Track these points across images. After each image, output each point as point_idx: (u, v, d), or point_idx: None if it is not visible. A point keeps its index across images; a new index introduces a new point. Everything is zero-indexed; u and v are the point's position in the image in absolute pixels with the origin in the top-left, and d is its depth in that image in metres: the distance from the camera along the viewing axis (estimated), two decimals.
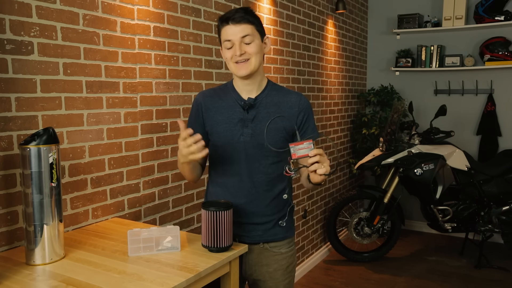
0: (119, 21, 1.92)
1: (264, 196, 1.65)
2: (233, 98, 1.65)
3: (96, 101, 1.84)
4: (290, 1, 3.30)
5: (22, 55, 1.55)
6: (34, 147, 1.35)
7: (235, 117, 1.62)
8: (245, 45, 1.55)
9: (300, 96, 1.67)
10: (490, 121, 4.38)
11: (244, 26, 1.53)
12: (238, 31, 1.53)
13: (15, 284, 1.26)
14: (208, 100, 1.67)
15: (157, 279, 1.28)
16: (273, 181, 1.65)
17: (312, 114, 1.68)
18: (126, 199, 2.01)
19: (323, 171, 1.39)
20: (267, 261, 1.69)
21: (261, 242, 1.68)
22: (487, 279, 3.57)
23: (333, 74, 4.10)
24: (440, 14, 4.49)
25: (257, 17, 1.59)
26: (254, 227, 1.66)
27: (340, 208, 3.92)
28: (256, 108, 1.62)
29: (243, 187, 1.64)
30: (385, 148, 3.72)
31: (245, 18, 1.54)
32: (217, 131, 1.64)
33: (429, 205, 3.78)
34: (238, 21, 1.53)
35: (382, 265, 3.87)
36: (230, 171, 1.65)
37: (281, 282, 1.71)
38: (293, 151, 1.40)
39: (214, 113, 1.65)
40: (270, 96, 1.64)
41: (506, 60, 4.17)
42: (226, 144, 1.62)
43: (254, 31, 1.55)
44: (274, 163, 1.64)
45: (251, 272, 1.71)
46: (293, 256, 1.75)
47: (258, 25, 1.58)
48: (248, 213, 1.65)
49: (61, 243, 1.44)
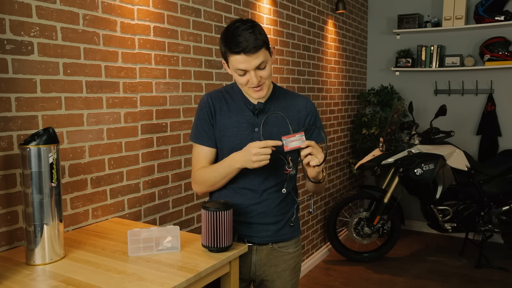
0: (119, 21, 1.92)
1: (273, 197, 1.64)
2: (241, 102, 1.62)
3: (96, 101, 1.84)
4: (290, 1, 3.30)
5: (22, 55, 1.55)
6: (34, 147, 1.35)
7: (244, 121, 1.60)
8: (260, 71, 1.49)
9: (306, 100, 1.67)
10: (490, 121, 4.38)
11: (257, 55, 1.44)
12: (253, 62, 1.44)
13: (15, 284, 1.26)
14: (216, 102, 1.63)
15: (157, 279, 1.28)
16: (282, 183, 1.65)
17: (318, 116, 1.69)
18: (126, 199, 2.01)
19: (316, 162, 1.39)
20: (275, 261, 1.69)
21: (270, 243, 1.68)
22: (487, 279, 3.57)
23: (333, 74, 4.10)
24: (440, 14, 4.50)
25: (263, 31, 1.49)
26: (264, 228, 1.66)
27: (340, 208, 3.92)
28: (265, 113, 1.61)
29: (256, 189, 1.63)
30: (385, 148, 3.72)
31: (258, 45, 1.42)
32: (226, 135, 1.60)
33: (429, 205, 3.78)
34: (253, 52, 1.42)
35: (382, 265, 3.87)
36: (241, 174, 1.61)
37: (289, 281, 1.72)
38: (285, 143, 1.41)
39: (222, 116, 1.61)
40: (277, 101, 1.64)
41: (506, 60, 4.17)
42: (236, 148, 1.57)
43: (266, 54, 1.47)
44: (280, 166, 1.61)
45: (259, 273, 1.70)
46: (299, 256, 1.77)
47: (266, 41, 1.48)
48: (258, 214, 1.64)
49: (61, 243, 1.44)
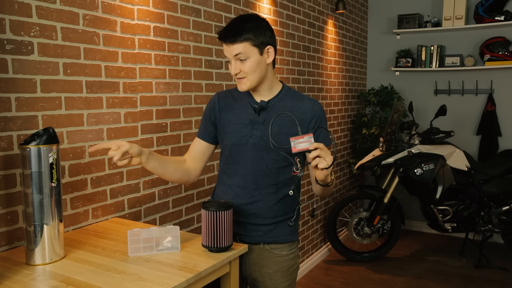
0: (119, 21, 1.92)
1: (268, 199, 1.64)
2: (246, 100, 1.65)
3: (96, 101, 1.84)
4: (290, 1, 3.30)
5: (22, 55, 1.55)
6: (34, 147, 1.35)
7: (246, 119, 1.63)
8: (241, 63, 1.52)
9: (313, 102, 1.64)
10: (490, 121, 4.38)
11: (237, 46, 1.49)
12: (231, 50, 1.51)
13: (15, 284, 1.26)
14: (223, 100, 1.69)
15: (157, 279, 1.28)
16: (279, 185, 1.64)
17: (325, 120, 1.65)
18: (126, 199, 2.01)
19: (324, 165, 1.36)
20: (266, 262, 1.68)
21: (261, 243, 1.68)
22: (487, 279, 3.57)
23: (333, 74, 4.10)
24: (440, 14, 4.49)
25: (256, 28, 1.51)
26: (255, 228, 1.66)
27: (340, 208, 3.93)
28: (267, 112, 1.61)
29: (248, 188, 1.64)
30: (385, 148, 3.72)
31: (238, 39, 1.48)
32: (228, 131, 1.65)
33: (429, 205, 3.78)
34: (231, 42, 1.50)
35: (382, 265, 3.87)
36: (237, 171, 1.65)
37: (281, 284, 1.69)
38: (293, 144, 1.38)
39: (227, 113, 1.67)
40: (283, 101, 1.63)
41: (506, 60, 4.17)
42: (235, 144, 1.63)
43: (248, 48, 1.49)
44: (282, 168, 1.62)
45: (250, 272, 1.71)
46: (295, 259, 1.73)
47: (255, 39, 1.50)
48: (250, 214, 1.65)
49: (61, 243, 1.44)
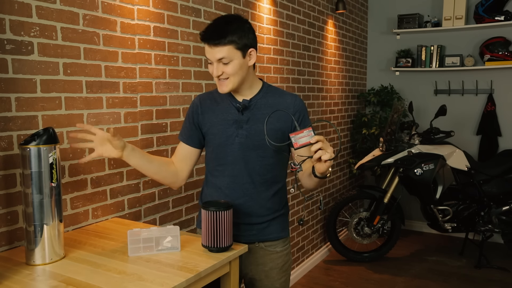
0: (119, 21, 1.92)
1: (258, 197, 1.65)
2: (228, 101, 1.65)
3: (96, 101, 1.84)
4: (290, 1, 3.30)
5: (22, 55, 1.55)
6: (34, 147, 1.35)
7: (230, 119, 1.63)
8: (223, 65, 1.52)
9: (295, 97, 1.67)
10: (490, 121, 4.38)
11: (220, 48, 1.48)
12: (214, 53, 1.50)
13: (15, 284, 1.26)
14: (205, 102, 1.69)
15: (157, 279, 1.28)
16: (268, 182, 1.66)
17: (307, 114, 1.68)
18: (126, 199, 2.01)
19: (328, 156, 1.36)
20: (262, 260, 1.70)
21: (256, 242, 1.69)
22: (487, 279, 3.57)
23: (333, 74, 4.10)
24: (440, 14, 4.49)
25: (240, 31, 1.50)
26: (249, 227, 1.67)
27: (340, 208, 3.92)
28: (251, 110, 1.62)
29: (237, 188, 1.64)
30: (385, 148, 3.72)
31: (221, 41, 1.47)
32: (212, 132, 1.65)
33: (429, 205, 3.78)
34: (214, 44, 1.48)
35: (382, 265, 3.87)
36: (225, 172, 1.65)
37: (277, 280, 1.72)
38: (294, 140, 1.37)
39: (210, 115, 1.67)
40: (265, 98, 1.65)
41: (506, 60, 4.17)
42: (221, 145, 1.63)
43: (231, 52, 1.49)
44: (270, 164, 1.64)
45: (247, 271, 1.71)
46: (288, 255, 1.76)
47: (239, 42, 1.50)
48: (243, 214, 1.65)
49: (61, 243, 1.44)
